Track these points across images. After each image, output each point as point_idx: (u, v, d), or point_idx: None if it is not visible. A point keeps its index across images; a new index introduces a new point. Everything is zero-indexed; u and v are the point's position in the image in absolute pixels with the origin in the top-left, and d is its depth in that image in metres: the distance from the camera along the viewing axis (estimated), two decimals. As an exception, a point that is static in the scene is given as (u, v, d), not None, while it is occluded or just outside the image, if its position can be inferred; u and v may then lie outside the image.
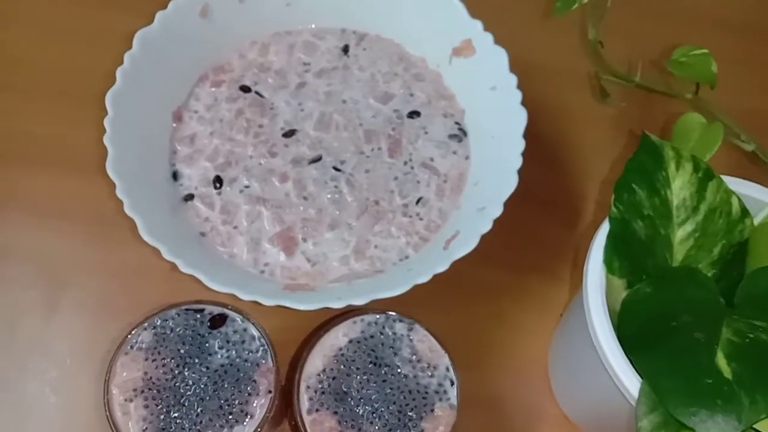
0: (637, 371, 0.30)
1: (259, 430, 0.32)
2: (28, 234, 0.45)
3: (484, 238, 0.45)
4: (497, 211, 0.38)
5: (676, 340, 0.30)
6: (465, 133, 0.45)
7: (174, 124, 0.44)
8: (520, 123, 0.41)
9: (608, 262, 0.33)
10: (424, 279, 0.36)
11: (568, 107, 0.50)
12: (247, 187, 0.42)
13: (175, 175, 0.42)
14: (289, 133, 0.44)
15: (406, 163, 0.44)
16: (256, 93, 0.45)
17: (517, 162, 0.39)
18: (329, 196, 0.42)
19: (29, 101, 0.49)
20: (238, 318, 0.34)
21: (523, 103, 0.41)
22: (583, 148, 0.49)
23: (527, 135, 0.40)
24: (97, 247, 0.45)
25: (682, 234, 0.35)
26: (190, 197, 0.42)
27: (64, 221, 0.45)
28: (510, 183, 0.39)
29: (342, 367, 0.33)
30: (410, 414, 0.32)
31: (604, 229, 0.34)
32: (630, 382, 0.30)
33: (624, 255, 0.33)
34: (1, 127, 0.48)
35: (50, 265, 0.44)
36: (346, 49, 0.47)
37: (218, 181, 0.42)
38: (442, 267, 0.36)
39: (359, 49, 0.47)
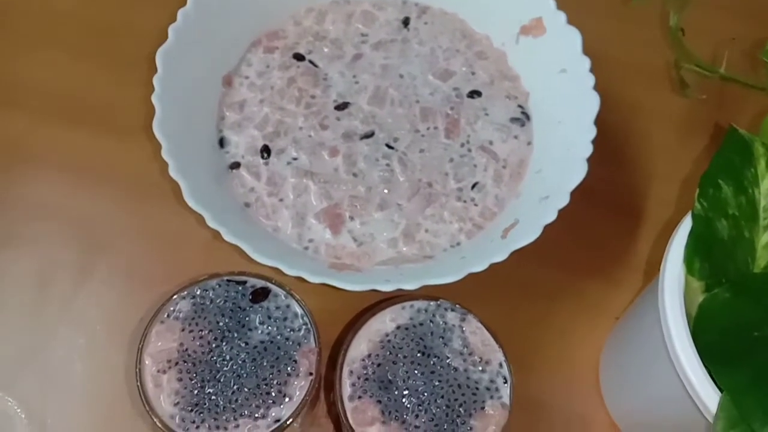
0: (715, 383, 0.28)
1: (297, 413, 0.30)
2: (67, 193, 0.44)
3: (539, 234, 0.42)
4: (563, 201, 0.35)
5: (762, 355, 0.28)
6: (528, 117, 0.42)
7: (223, 89, 0.42)
8: (592, 109, 0.38)
9: (688, 262, 0.30)
10: (479, 268, 0.34)
11: (639, 99, 0.47)
12: (295, 159, 0.40)
13: (221, 142, 0.41)
14: (342, 106, 0.42)
15: (463, 144, 0.41)
16: (310, 62, 0.43)
17: (587, 150, 0.37)
18: (380, 174, 0.40)
19: (76, 59, 0.47)
20: (281, 293, 0.32)
21: (596, 88, 0.38)
22: (653, 144, 0.46)
23: (593, 126, 0.38)
24: (137, 212, 0.43)
25: (767, 239, 0.32)
26: (236, 165, 0.40)
27: (105, 183, 0.44)
28: (578, 172, 0.36)
29: (388, 353, 0.31)
30: (459, 409, 0.30)
31: (685, 226, 0.31)
32: (707, 394, 0.27)
33: (705, 256, 0.30)
34: (44, 83, 0.47)
35: (87, 227, 0.43)
36: (406, 22, 0.45)
37: (266, 150, 0.40)
38: (500, 257, 0.34)
39: (420, 22, 0.45)
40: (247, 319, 0.32)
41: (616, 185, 0.46)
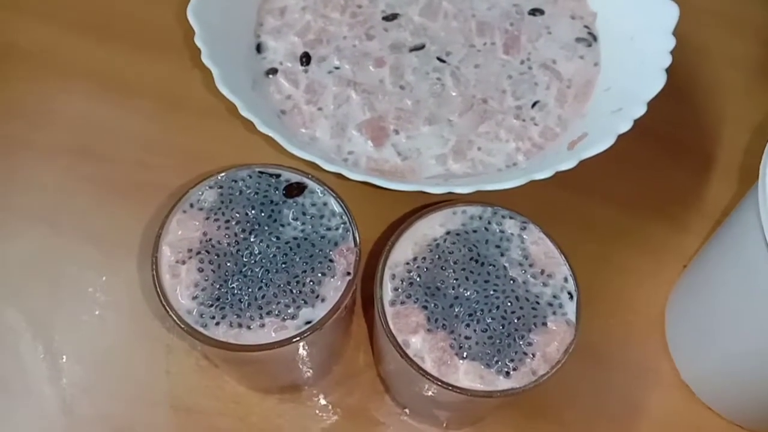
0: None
1: (330, 316, 0.26)
2: (93, 106, 0.41)
3: (600, 172, 0.38)
4: (638, 110, 0.31)
5: None
6: (595, 39, 0.38)
7: (264, -6, 0.39)
8: (671, 19, 0.34)
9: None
10: (543, 175, 0.30)
11: (710, 40, 0.43)
12: (337, 68, 0.37)
13: (259, 47, 0.37)
14: (391, 17, 0.38)
15: (523, 62, 0.37)
16: (358, -28, 0.40)
17: (666, 60, 0.33)
18: (430, 87, 0.36)
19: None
20: (318, 189, 0.29)
21: (675, -1, 0.35)
22: (724, 87, 0.42)
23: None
24: (161, 127, 0.40)
25: None
26: (273, 71, 0.37)
27: (134, 96, 0.41)
28: (656, 82, 0.32)
29: (437, 258, 0.27)
30: (517, 323, 0.26)
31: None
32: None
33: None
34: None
35: (112, 139, 0.40)
36: (463, -62, 0.41)
37: (306, 57, 0.37)
38: (568, 165, 0.30)
39: (478, -61, 0.41)
40: (279, 213, 0.28)
41: (684, 128, 0.42)
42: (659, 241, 0.39)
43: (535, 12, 0.39)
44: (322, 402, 0.34)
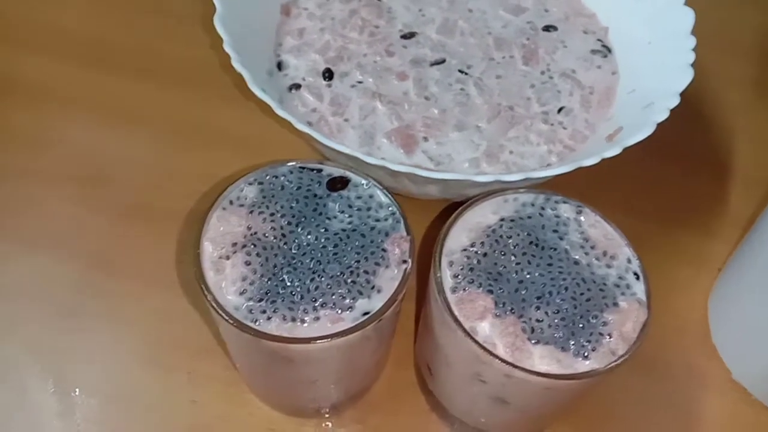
0: None
1: (389, 306, 0.24)
2: (99, 133, 0.40)
3: (620, 189, 0.39)
4: (672, 101, 0.31)
5: None
6: (609, 50, 0.39)
7: (281, 17, 0.39)
8: (687, 21, 0.35)
9: None
10: (591, 161, 0.29)
11: (706, 60, 0.44)
12: (360, 82, 0.36)
13: (280, 65, 0.37)
14: (409, 35, 0.39)
15: (543, 72, 0.38)
16: (373, -5, 0.40)
17: (690, 56, 0.33)
18: (455, 97, 0.36)
19: (114, 6, 0.45)
20: (362, 182, 0.27)
21: (686, 3, 0.36)
22: (727, 103, 0.43)
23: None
24: (170, 151, 0.39)
25: None
26: (296, 87, 0.36)
27: (138, 127, 0.40)
28: (684, 76, 0.32)
29: (495, 243, 0.26)
30: (587, 303, 0.25)
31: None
32: None
33: None
34: (80, 29, 0.44)
35: (117, 165, 0.38)
36: (471, -36, 0.42)
37: (328, 72, 0.37)
38: (612, 152, 0.30)
39: (486, -35, 0.43)
40: (324, 207, 0.27)
41: (697, 144, 0.43)
42: (690, 249, 0.38)
43: (549, 28, 0.39)
44: (364, 427, 0.31)
